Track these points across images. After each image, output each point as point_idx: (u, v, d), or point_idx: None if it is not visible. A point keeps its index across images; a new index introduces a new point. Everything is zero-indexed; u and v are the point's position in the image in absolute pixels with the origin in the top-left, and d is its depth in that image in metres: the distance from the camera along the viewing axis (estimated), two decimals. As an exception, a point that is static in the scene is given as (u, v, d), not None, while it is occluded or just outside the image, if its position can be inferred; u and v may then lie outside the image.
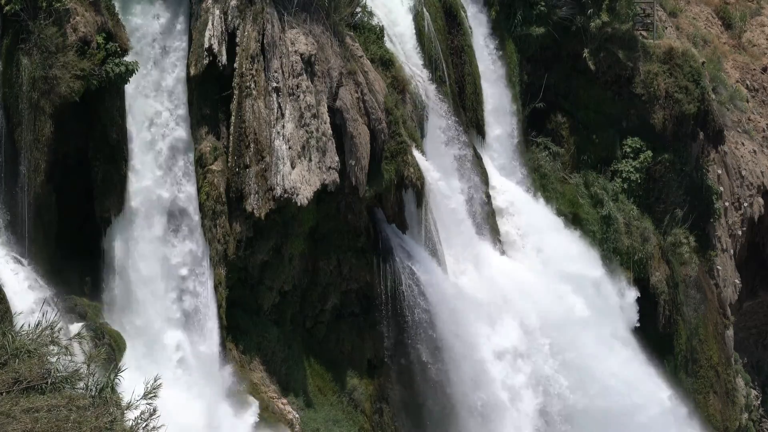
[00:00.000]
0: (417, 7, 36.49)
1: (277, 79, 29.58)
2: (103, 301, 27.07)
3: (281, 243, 30.73)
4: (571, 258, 39.44)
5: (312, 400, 31.25)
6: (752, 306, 51.90)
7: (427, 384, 33.26)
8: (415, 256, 33.10)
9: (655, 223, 43.68)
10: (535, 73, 41.97)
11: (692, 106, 43.93)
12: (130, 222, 27.47)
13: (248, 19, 29.47)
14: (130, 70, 26.41)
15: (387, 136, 31.81)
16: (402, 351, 33.12)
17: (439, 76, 36.57)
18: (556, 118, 42.75)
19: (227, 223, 29.23)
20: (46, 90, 25.14)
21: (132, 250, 27.56)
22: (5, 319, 21.75)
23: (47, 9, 25.15)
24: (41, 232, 25.81)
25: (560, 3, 41.21)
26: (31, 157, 25.16)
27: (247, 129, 29.15)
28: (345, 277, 32.60)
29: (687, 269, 44.15)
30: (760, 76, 54.29)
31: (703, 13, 54.49)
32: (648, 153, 43.23)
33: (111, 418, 12.96)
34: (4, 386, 13.22)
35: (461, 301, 33.87)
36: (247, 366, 30.06)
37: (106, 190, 26.86)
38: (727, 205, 47.84)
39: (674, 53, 44.31)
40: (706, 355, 44.84)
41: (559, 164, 42.26)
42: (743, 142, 50.42)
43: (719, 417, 44.67)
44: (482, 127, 39.03)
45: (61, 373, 13.70)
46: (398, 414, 33.48)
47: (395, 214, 33.13)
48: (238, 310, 30.15)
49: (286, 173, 29.26)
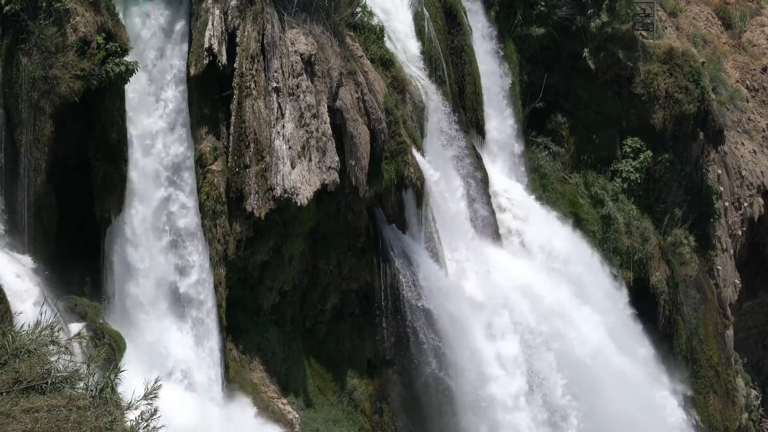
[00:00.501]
0: (417, 7, 36.49)
1: (277, 79, 29.57)
2: (102, 301, 27.06)
3: (281, 243, 30.72)
4: (571, 258, 39.44)
5: (312, 400, 31.24)
6: (752, 306, 51.90)
7: (427, 384, 33.25)
8: (415, 256, 33.09)
9: (655, 223, 43.68)
10: (535, 73, 41.98)
11: (692, 106, 43.93)
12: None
13: (248, 19, 29.46)
14: (130, 70, 26.40)
15: (387, 136, 31.80)
16: (402, 351, 33.11)
17: (439, 76, 36.56)
18: (556, 118, 42.76)
19: (227, 223, 29.22)
20: (46, 90, 25.13)
21: (132, 250, 27.56)
22: (5, 319, 21.73)
23: (47, 9, 25.13)
24: (41, 232, 25.79)
25: (560, 3, 41.22)
26: (31, 157, 25.14)
27: (247, 129, 29.14)
28: (345, 277, 32.59)
29: (687, 269, 44.15)
30: (760, 76, 54.29)
31: (703, 13, 54.49)
32: (648, 153, 43.24)
33: (111, 418, 12.96)
34: (4, 386, 13.22)
35: (461, 300, 33.86)
36: (247, 366, 30.05)
37: (106, 190, 26.84)
38: (727, 205, 47.84)
39: (674, 53, 44.32)
40: (706, 355, 44.84)
41: (559, 164, 42.27)
42: (743, 142, 50.43)
43: (719, 417, 44.66)
44: (482, 127, 39.04)
45: (61, 373, 13.70)
46: (398, 414, 33.48)
47: (395, 214, 33.12)
48: (238, 310, 30.14)
49: (286, 173, 29.25)
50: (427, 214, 33.80)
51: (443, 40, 37.24)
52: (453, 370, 33.17)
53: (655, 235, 43.12)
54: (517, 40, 40.62)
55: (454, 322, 33.23)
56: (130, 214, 27.37)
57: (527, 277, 37.22)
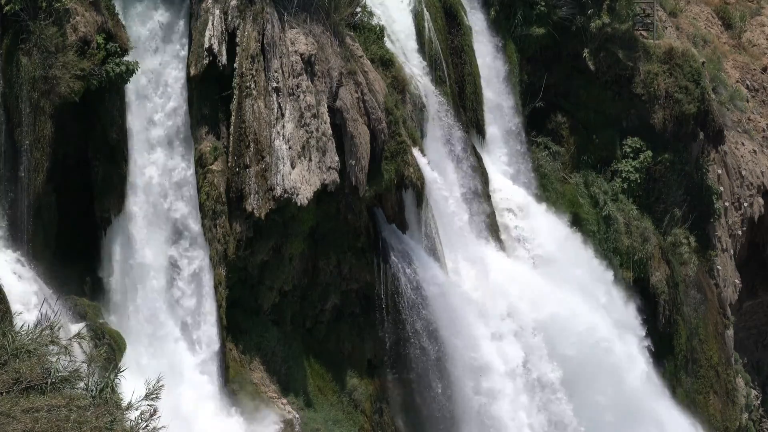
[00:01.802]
0: (417, 7, 36.50)
1: (277, 79, 29.58)
2: (102, 300, 27.07)
3: (281, 243, 30.73)
4: (571, 258, 39.43)
5: (312, 400, 31.25)
6: (752, 306, 51.89)
7: (426, 384, 33.25)
8: (415, 255, 33.10)
9: (655, 223, 43.67)
10: (535, 73, 41.97)
11: (692, 106, 43.92)
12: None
13: (248, 19, 29.47)
14: (130, 70, 26.42)
15: (387, 136, 31.80)
16: (402, 351, 33.12)
17: (439, 76, 36.57)
18: (556, 118, 42.76)
19: (227, 223, 29.23)
20: (46, 90, 25.14)
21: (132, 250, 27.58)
22: (5, 319, 21.74)
23: (47, 9, 25.15)
24: (41, 232, 25.81)
25: (560, 3, 41.22)
26: (31, 157, 25.16)
27: (247, 129, 29.15)
28: (345, 277, 32.59)
29: (687, 269, 44.15)
30: (760, 76, 54.28)
31: (703, 13, 54.47)
32: (648, 153, 43.23)
33: (111, 418, 12.96)
34: (4, 386, 13.22)
35: (461, 300, 33.87)
36: (247, 366, 30.06)
37: (106, 190, 26.86)
38: (727, 205, 47.84)
39: (674, 53, 44.31)
40: (706, 355, 44.84)
41: (559, 164, 42.26)
42: (743, 142, 50.42)
43: (719, 417, 44.66)
44: (482, 126, 39.05)
45: (60, 373, 13.70)
46: (398, 414, 33.49)
47: (395, 214, 33.12)
48: (238, 310, 30.15)
49: (286, 173, 29.26)
50: (426, 214, 33.81)
51: (443, 40, 37.24)
52: (452, 369, 33.17)
53: (655, 235, 43.12)
54: (517, 40, 40.61)
55: (453, 321, 33.24)
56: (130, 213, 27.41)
57: (527, 276, 37.22)
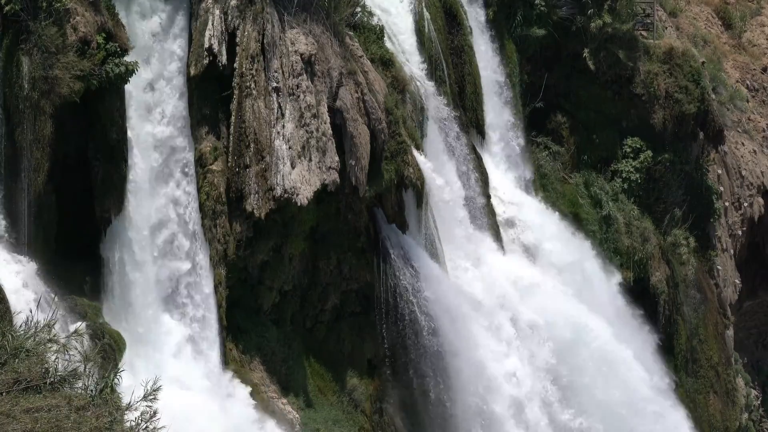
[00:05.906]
0: (417, 7, 36.51)
1: (277, 79, 29.58)
2: (102, 300, 27.06)
3: (281, 243, 30.73)
4: (570, 258, 39.44)
5: (312, 400, 31.25)
6: (752, 306, 51.92)
7: (427, 383, 33.25)
8: (415, 255, 33.11)
9: (655, 223, 43.69)
10: (535, 73, 41.99)
11: (692, 106, 43.93)
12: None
13: (248, 19, 29.47)
14: (130, 70, 26.40)
15: (387, 136, 31.81)
16: (402, 351, 33.12)
17: (439, 76, 36.58)
18: (556, 118, 42.77)
19: (227, 223, 29.23)
20: (47, 90, 25.11)
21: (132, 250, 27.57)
22: (5, 319, 21.73)
23: (47, 9, 25.12)
24: (41, 232, 25.79)
25: (560, 3, 41.23)
26: (31, 157, 25.14)
27: (247, 129, 29.15)
28: (345, 277, 32.60)
29: (687, 269, 44.16)
30: (760, 76, 54.29)
31: (703, 13, 54.48)
32: (648, 153, 43.25)
33: (111, 418, 12.97)
34: (4, 386, 13.23)
35: (461, 300, 33.88)
36: (247, 366, 30.06)
37: (106, 190, 26.84)
38: (727, 205, 47.87)
39: (674, 53, 44.32)
40: (706, 355, 44.85)
41: (559, 164, 42.29)
42: (743, 142, 50.44)
43: (719, 417, 44.68)
44: (482, 127, 39.06)
45: (60, 373, 13.70)
46: (398, 414, 33.49)
47: (395, 214, 33.13)
48: (238, 310, 30.15)
49: (286, 173, 29.26)
50: (427, 214, 33.82)
51: (443, 40, 37.25)
52: (452, 369, 33.18)
53: (655, 235, 43.13)
54: (517, 41, 40.63)
55: (453, 321, 33.25)
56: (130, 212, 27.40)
57: (527, 276, 37.24)
